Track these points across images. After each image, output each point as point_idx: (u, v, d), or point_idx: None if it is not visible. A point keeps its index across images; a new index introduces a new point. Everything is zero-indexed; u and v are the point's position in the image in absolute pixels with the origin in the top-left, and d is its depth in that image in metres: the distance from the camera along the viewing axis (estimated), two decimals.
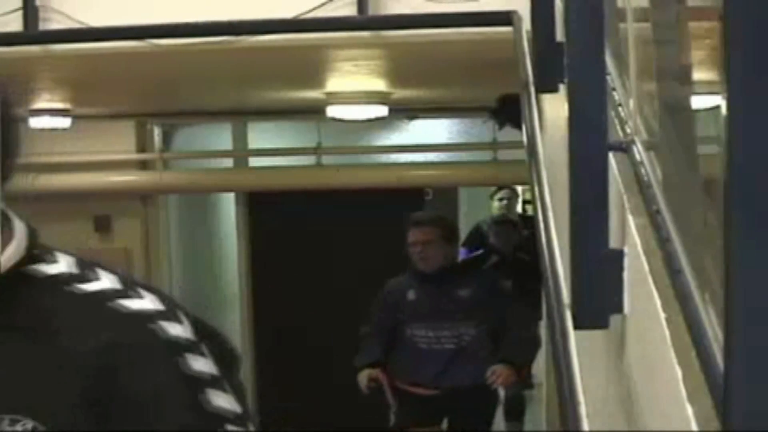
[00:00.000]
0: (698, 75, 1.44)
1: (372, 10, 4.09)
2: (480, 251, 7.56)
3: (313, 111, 6.94)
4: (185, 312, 1.17)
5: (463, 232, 13.09)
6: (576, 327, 1.61)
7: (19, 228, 1.17)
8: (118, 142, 7.75)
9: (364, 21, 4.13)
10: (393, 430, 5.49)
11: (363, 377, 5.18)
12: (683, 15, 1.53)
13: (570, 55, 1.63)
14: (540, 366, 6.25)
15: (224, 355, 1.19)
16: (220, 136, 8.45)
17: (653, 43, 1.75)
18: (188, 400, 1.11)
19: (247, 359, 8.31)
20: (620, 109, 1.89)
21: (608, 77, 1.80)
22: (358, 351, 5.28)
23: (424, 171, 8.02)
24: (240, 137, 8.37)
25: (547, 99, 3.01)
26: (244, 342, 8.38)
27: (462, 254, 7.61)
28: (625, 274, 1.58)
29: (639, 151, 1.64)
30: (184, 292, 8.35)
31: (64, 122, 6.88)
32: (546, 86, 2.64)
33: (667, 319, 1.31)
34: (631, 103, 1.81)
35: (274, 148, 8.47)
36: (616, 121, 1.86)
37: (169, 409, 1.12)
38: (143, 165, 7.92)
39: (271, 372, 8.12)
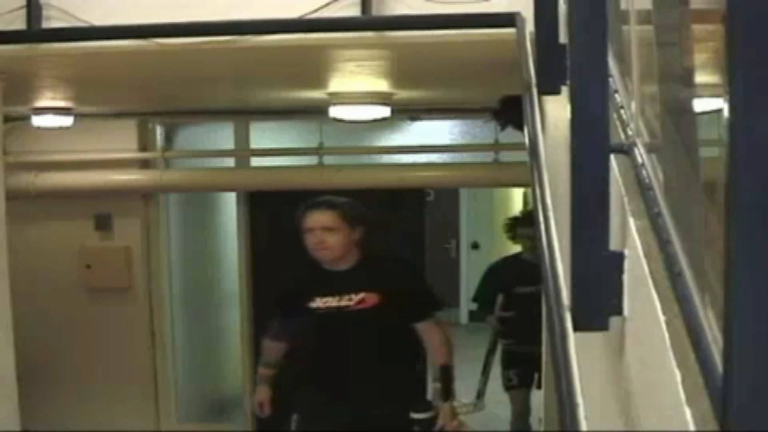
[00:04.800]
0: (700, 78, 1.44)
1: (375, 11, 4.09)
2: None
3: (316, 111, 6.94)
4: None
5: (464, 231, 13.06)
6: (575, 328, 1.61)
7: None
8: (120, 140, 7.75)
9: (368, 21, 4.13)
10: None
11: None
12: (686, 17, 1.53)
13: (573, 57, 1.63)
14: None
15: None
16: (222, 136, 8.45)
17: (656, 45, 1.75)
18: None
19: (245, 357, 8.30)
20: (622, 111, 1.89)
21: (610, 79, 1.80)
22: None
23: (425, 172, 8.01)
24: (242, 137, 8.37)
25: (550, 100, 3.01)
26: (243, 340, 8.38)
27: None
28: (625, 276, 1.58)
29: (640, 154, 1.64)
30: (184, 291, 8.35)
31: (67, 121, 6.88)
32: (548, 88, 2.64)
33: (667, 322, 1.31)
34: (633, 105, 1.81)
35: (276, 147, 8.47)
36: (618, 123, 1.86)
37: None
38: (145, 164, 7.92)
39: None
